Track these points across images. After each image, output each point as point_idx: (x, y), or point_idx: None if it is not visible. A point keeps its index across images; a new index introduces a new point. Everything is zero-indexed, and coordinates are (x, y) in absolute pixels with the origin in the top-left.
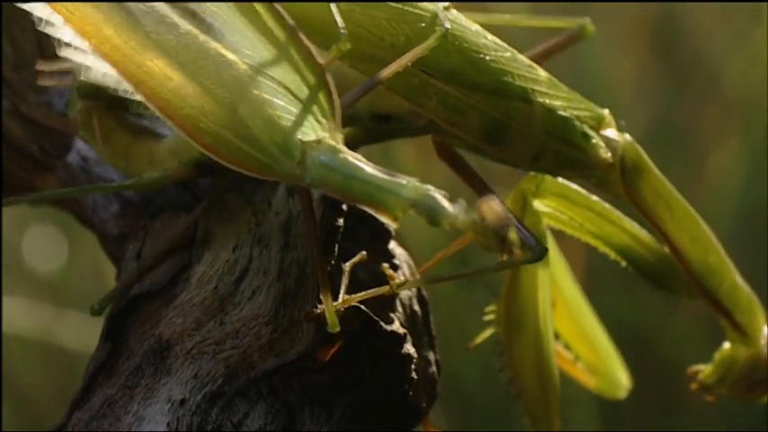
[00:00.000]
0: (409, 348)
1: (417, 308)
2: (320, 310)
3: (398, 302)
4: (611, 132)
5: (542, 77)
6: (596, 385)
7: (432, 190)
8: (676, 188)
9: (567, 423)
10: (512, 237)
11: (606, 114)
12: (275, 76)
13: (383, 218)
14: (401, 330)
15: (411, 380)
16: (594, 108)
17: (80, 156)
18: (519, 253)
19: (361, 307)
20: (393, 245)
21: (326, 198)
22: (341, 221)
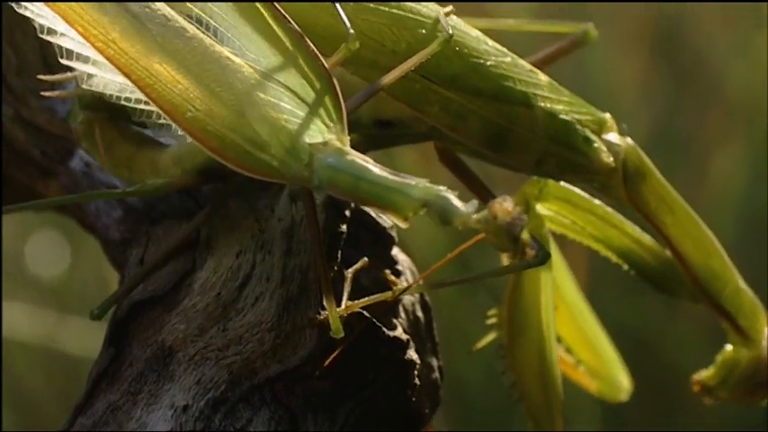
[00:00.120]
0: (412, 354)
1: (420, 314)
2: (323, 316)
3: (401, 308)
4: (613, 136)
5: (544, 82)
6: (598, 388)
7: (444, 190)
8: (678, 192)
9: (569, 426)
10: (524, 236)
11: (608, 118)
12: (281, 80)
13: (393, 219)
14: (404, 336)
15: (414, 386)
16: (596, 112)
17: (83, 161)
18: (531, 253)
19: (363, 313)
20: (396, 251)
21: (330, 204)
22: (344, 227)
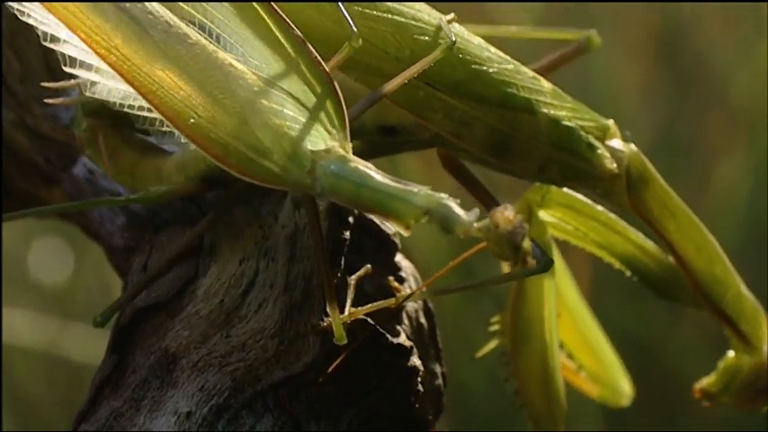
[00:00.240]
0: (415, 361)
1: (424, 320)
2: (326, 323)
3: (405, 315)
4: (616, 143)
5: (547, 89)
6: (599, 394)
7: (445, 198)
8: (681, 198)
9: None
10: (526, 245)
11: (611, 125)
12: (284, 86)
13: (395, 226)
14: (407, 343)
15: (417, 392)
16: (599, 119)
17: (86, 168)
18: (532, 261)
19: (367, 320)
20: (399, 257)
21: (333, 211)
22: (347, 234)
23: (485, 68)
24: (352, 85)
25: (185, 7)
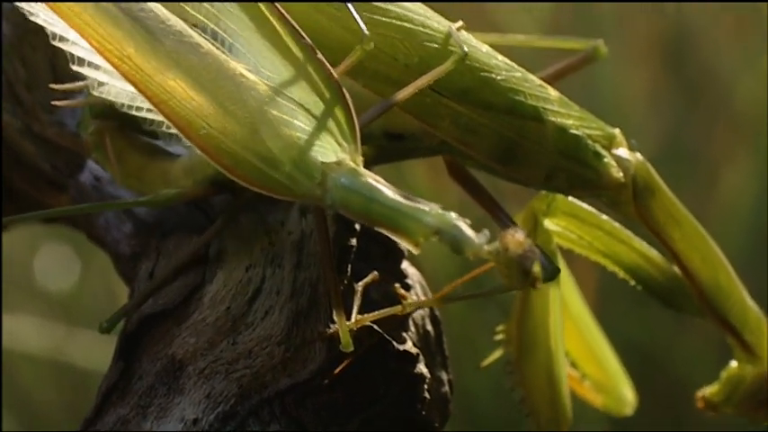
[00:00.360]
0: (422, 368)
1: (430, 327)
2: (333, 330)
3: (411, 322)
4: (622, 152)
5: (553, 97)
6: (603, 403)
7: (456, 218)
8: (687, 206)
9: None
10: (535, 269)
11: (617, 133)
12: (295, 97)
13: (404, 243)
14: (414, 350)
15: (424, 399)
16: (606, 127)
17: (92, 175)
18: (540, 283)
19: (374, 327)
20: (406, 264)
21: (339, 217)
22: (354, 241)
23: (492, 76)
24: (359, 91)
25: (197, 16)
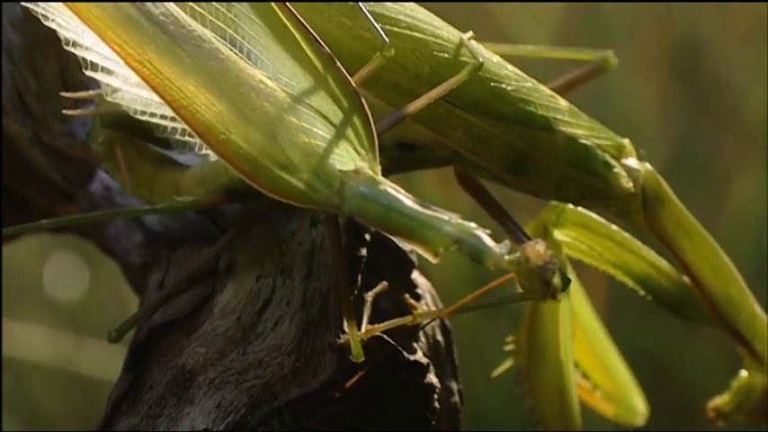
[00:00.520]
0: (432, 378)
1: (440, 337)
2: (343, 340)
3: (421, 332)
4: (632, 162)
5: (564, 107)
6: (614, 413)
7: (476, 228)
8: (696, 216)
9: None
10: (556, 281)
11: (627, 144)
12: (314, 105)
13: (423, 253)
14: (424, 360)
15: (434, 409)
16: (615, 137)
17: (103, 185)
18: (560, 295)
19: (384, 337)
20: (416, 275)
21: (349, 227)
22: (364, 251)
23: (503, 86)
24: (371, 101)
25: (216, 22)
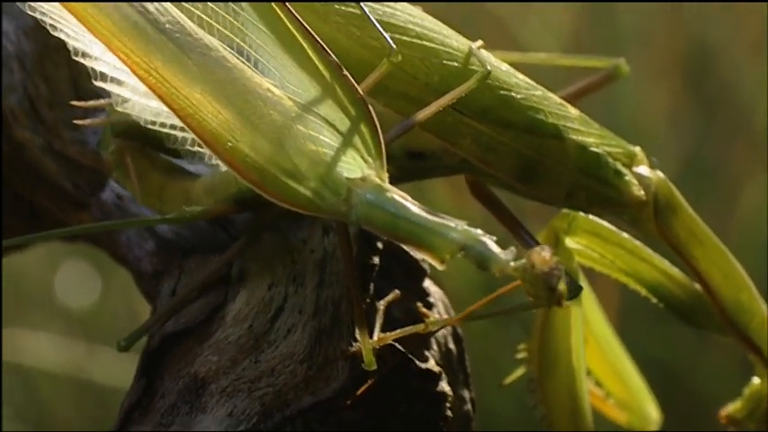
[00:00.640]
0: (444, 386)
1: (452, 346)
2: (355, 348)
3: (433, 340)
4: (643, 170)
5: (574, 115)
6: (627, 420)
7: (482, 235)
8: (708, 223)
9: None
10: (561, 287)
11: (638, 151)
12: (321, 113)
13: (430, 260)
14: (436, 368)
15: (446, 418)
16: (626, 145)
17: (114, 193)
18: (566, 302)
19: (396, 345)
20: (428, 283)
21: (361, 236)
22: (376, 259)
23: (513, 94)
24: (380, 110)
25: (223, 30)
